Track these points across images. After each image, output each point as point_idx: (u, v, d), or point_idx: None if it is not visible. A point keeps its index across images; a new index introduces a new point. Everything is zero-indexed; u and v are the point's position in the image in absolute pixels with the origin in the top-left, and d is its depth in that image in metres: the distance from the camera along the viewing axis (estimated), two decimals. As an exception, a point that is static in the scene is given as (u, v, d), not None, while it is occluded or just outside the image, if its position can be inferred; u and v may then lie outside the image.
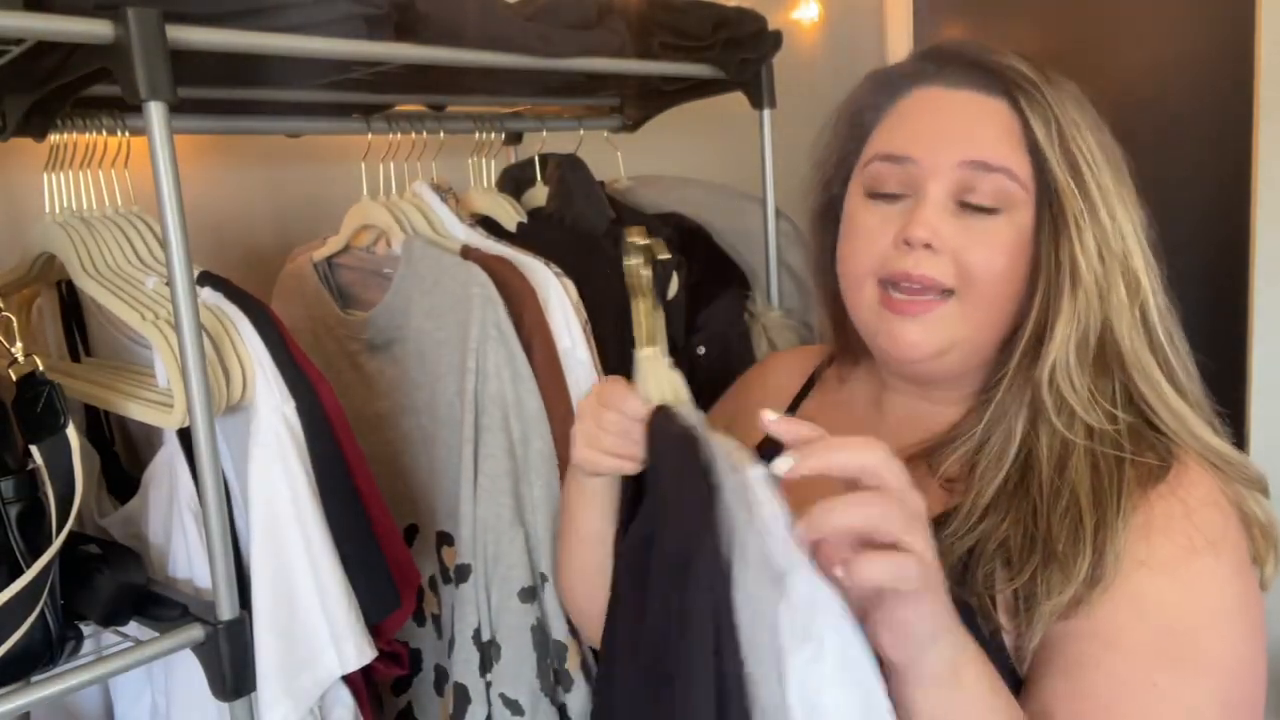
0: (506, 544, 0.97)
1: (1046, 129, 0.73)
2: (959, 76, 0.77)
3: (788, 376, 0.97)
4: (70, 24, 0.70)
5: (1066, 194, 0.72)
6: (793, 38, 2.11)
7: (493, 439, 0.97)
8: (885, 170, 0.77)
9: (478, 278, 0.99)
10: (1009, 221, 0.74)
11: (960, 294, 0.74)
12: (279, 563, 0.82)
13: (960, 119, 0.76)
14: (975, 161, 0.73)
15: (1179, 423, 0.73)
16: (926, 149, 0.75)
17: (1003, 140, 0.74)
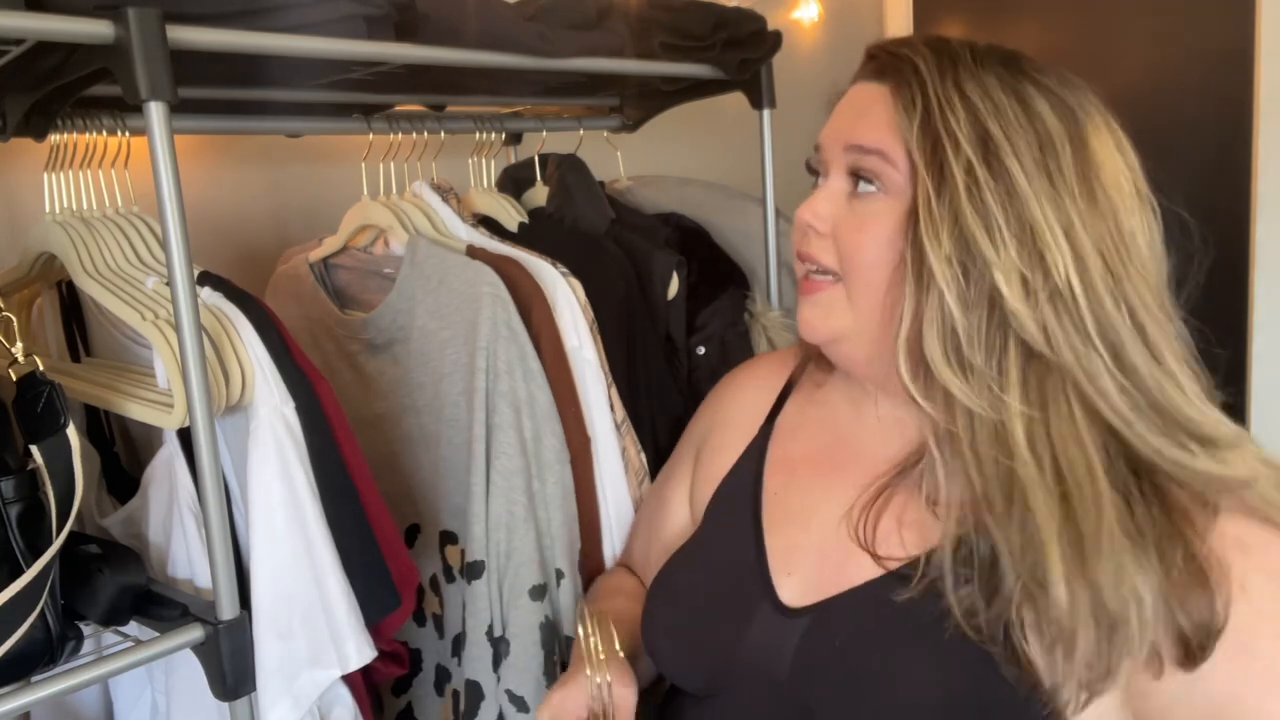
0: (519, 541, 0.97)
1: (909, 111, 0.72)
2: (865, 69, 0.79)
3: (760, 386, 0.95)
4: (70, 24, 0.70)
5: (919, 178, 0.70)
6: (793, 38, 2.11)
7: (504, 436, 0.97)
8: (814, 157, 0.81)
9: (487, 277, 0.99)
10: (890, 205, 0.73)
11: (844, 278, 0.76)
12: (279, 563, 0.82)
13: (851, 106, 0.78)
14: (853, 145, 0.75)
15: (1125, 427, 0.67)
16: (825, 136, 0.79)
17: (881, 124, 0.74)
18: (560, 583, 1.01)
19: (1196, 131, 1.91)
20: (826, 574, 0.78)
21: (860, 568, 0.76)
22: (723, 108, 1.38)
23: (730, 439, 0.93)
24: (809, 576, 0.79)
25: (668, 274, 1.19)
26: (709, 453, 0.95)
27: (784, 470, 0.87)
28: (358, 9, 0.86)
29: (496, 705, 0.98)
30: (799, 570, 0.80)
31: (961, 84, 0.71)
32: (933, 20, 2.29)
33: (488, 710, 0.98)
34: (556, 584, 1.01)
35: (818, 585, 0.78)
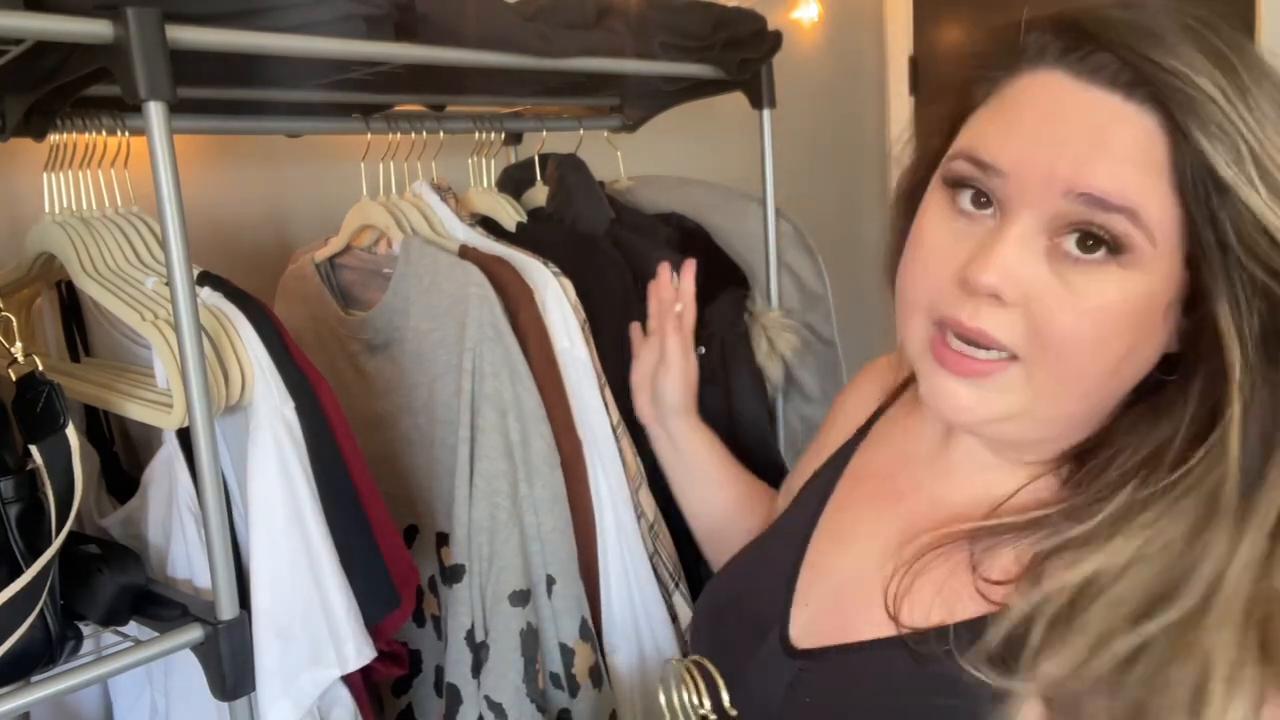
0: (500, 545, 0.97)
1: (1236, 155, 0.52)
2: (1094, 64, 0.55)
3: (872, 389, 0.87)
4: (70, 24, 0.70)
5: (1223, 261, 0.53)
6: (793, 38, 2.11)
7: (488, 439, 0.97)
8: (968, 172, 0.59)
9: (474, 277, 0.99)
10: (1123, 279, 0.55)
11: (1029, 360, 0.58)
12: (278, 563, 0.82)
13: (1080, 129, 0.55)
14: (1088, 194, 0.54)
15: None
16: (1024, 163, 0.56)
17: (1135, 168, 0.54)
18: (552, 589, 1.00)
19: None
20: (837, 617, 0.71)
21: (870, 621, 0.67)
22: (723, 108, 1.38)
23: (832, 439, 0.87)
24: (819, 614, 0.72)
25: (667, 274, 1.19)
26: (814, 448, 0.90)
27: (854, 483, 0.79)
28: (358, 9, 0.86)
29: (475, 710, 0.98)
30: (815, 603, 0.73)
31: (1266, 108, 0.53)
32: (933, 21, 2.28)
33: (466, 715, 0.98)
34: (547, 591, 1.00)
35: (825, 628, 0.71)
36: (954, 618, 0.62)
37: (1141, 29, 0.55)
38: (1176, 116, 0.53)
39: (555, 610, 1.00)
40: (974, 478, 0.69)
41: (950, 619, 0.62)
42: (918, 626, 0.64)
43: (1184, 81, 0.53)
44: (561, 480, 1.00)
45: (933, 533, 0.67)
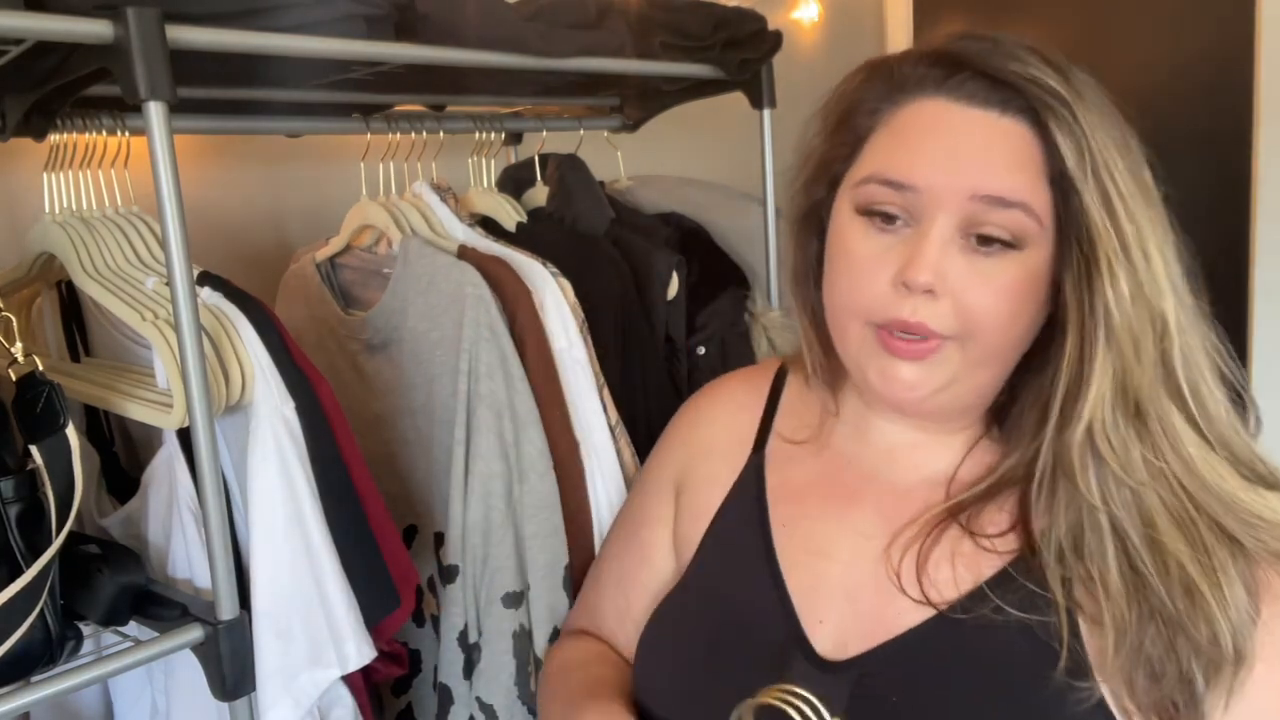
0: (494, 546, 0.97)
1: (1079, 158, 0.64)
2: (971, 89, 0.67)
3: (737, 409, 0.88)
4: (70, 24, 0.70)
5: (1100, 232, 0.64)
6: (793, 38, 2.11)
7: (483, 440, 0.96)
8: (882, 194, 0.68)
9: (471, 278, 0.99)
10: (1020, 260, 0.66)
11: (961, 338, 0.68)
12: (278, 563, 0.82)
13: (971, 144, 0.66)
14: (988, 196, 0.65)
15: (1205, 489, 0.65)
16: (932, 178, 0.66)
17: (1020, 170, 0.65)
18: (528, 595, 0.98)
19: (1196, 131, 1.91)
20: (862, 620, 0.72)
21: (902, 611, 0.71)
22: (723, 108, 1.38)
23: (717, 469, 0.85)
24: (844, 623, 0.72)
25: (667, 274, 1.19)
26: (694, 486, 0.87)
27: (789, 499, 0.80)
28: (358, 9, 0.86)
29: (467, 711, 0.98)
30: (830, 616, 0.73)
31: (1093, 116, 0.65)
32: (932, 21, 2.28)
33: (457, 715, 0.98)
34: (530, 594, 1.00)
35: (857, 634, 0.71)
36: (984, 578, 0.69)
37: (1001, 53, 0.67)
38: (1042, 117, 0.65)
39: (533, 618, 0.99)
40: (915, 458, 0.77)
41: (981, 579, 0.69)
42: (951, 599, 0.70)
43: (1042, 88, 0.65)
44: (552, 486, 0.99)
45: (918, 520, 0.74)
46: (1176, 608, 0.62)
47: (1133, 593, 0.64)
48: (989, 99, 0.66)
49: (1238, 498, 0.65)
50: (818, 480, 0.80)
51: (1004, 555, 0.70)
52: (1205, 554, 0.64)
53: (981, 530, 0.71)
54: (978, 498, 0.72)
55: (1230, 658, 0.62)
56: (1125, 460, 0.65)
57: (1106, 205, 0.64)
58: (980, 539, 0.71)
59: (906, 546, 0.73)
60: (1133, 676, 0.63)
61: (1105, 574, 0.65)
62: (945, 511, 0.73)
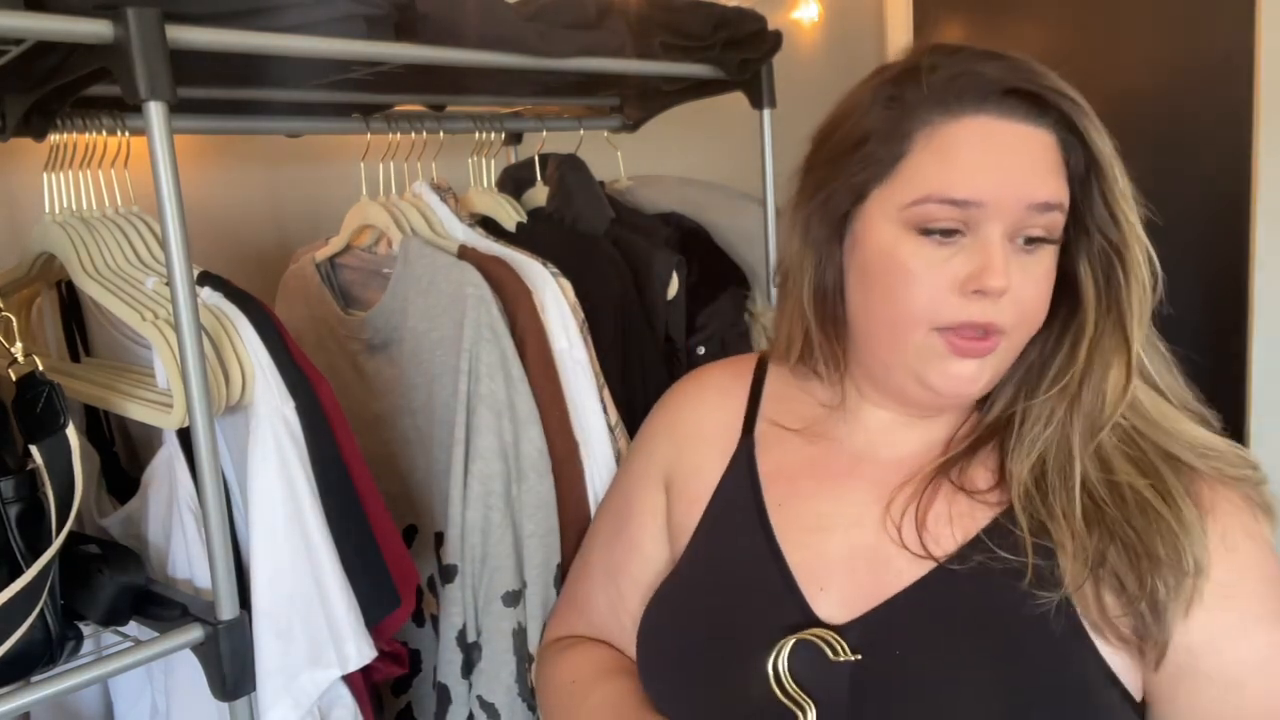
0: (494, 546, 0.97)
1: (1102, 164, 0.72)
2: (1010, 105, 0.71)
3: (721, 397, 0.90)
4: (70, 24, 0.70)
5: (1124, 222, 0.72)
6: (793, 38, 2.11)
7: (484, 441, 0.97)
8: (944, 212, 0.71)
9: (472, 278, 0.99)
10: (1050, 252, 0.74)
11: (1010, 332, 0.73)
12: (278, 563, 0.82)
13: (1021, 159, 0.71)
14: (1039, 204, 0.71)
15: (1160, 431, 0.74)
16: (993, 192, 0.70)
17: (1056, 175, 0.72)
18: (524, 594, 0.99)
19: (1196, 131, 1.91)
20: (863, 583, 0.75)
21: (899, 572, 0.74)
22: (723, 108, 1.38)
23: (706, 457, 0.87)
24: (845, 588, 0.76)
25: (667, 274, 1.19)
26: (684, 474, 0.88)
27: (781, 481, 0.83)
28: (358, 9, 0.86)
29: (465, 711, 0.98)
30: (831, 583, 0.76)
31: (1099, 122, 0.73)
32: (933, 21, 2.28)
33: (455, 715, 0.98)
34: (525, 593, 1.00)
35: (857, 596, 0.75)
36: (979, 528, 0.74)
37: (1024, 69, 0.72)
38: (1078, 124, 0.71)
39: (527, 616, 0.99)
40: (903, 435, 0.81)
41: (976, 529, 0.74)
42: (949, 551, 0.74)
43: (1068, 99, 0.71)
44: (550, 486, 1.00)
45: (913, 480, 0.78)
46: (1135, 528, 0.69)
47: (1094, 520, 0.71)
48: (1029, 113, 0.71)
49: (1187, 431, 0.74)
50: (809, 462, 0.83)
51: (995, 507, 0.75)
52: (1159, 479, 0.71)
53: (973, 486, 0.77)
54: (964, 453, 0.78)
55: (1190, 569, 0.68)
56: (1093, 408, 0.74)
57: (1125, 199, 0.72)
58: (974, 495, 0.76)
59: (905, 505, 0.77)
60: (1101, 595, 0.69)
61: (1069, 506, 0.72)
62: (937, 469, 0.78)
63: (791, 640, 0.73)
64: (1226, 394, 1.88)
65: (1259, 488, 0.73)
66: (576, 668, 0.90)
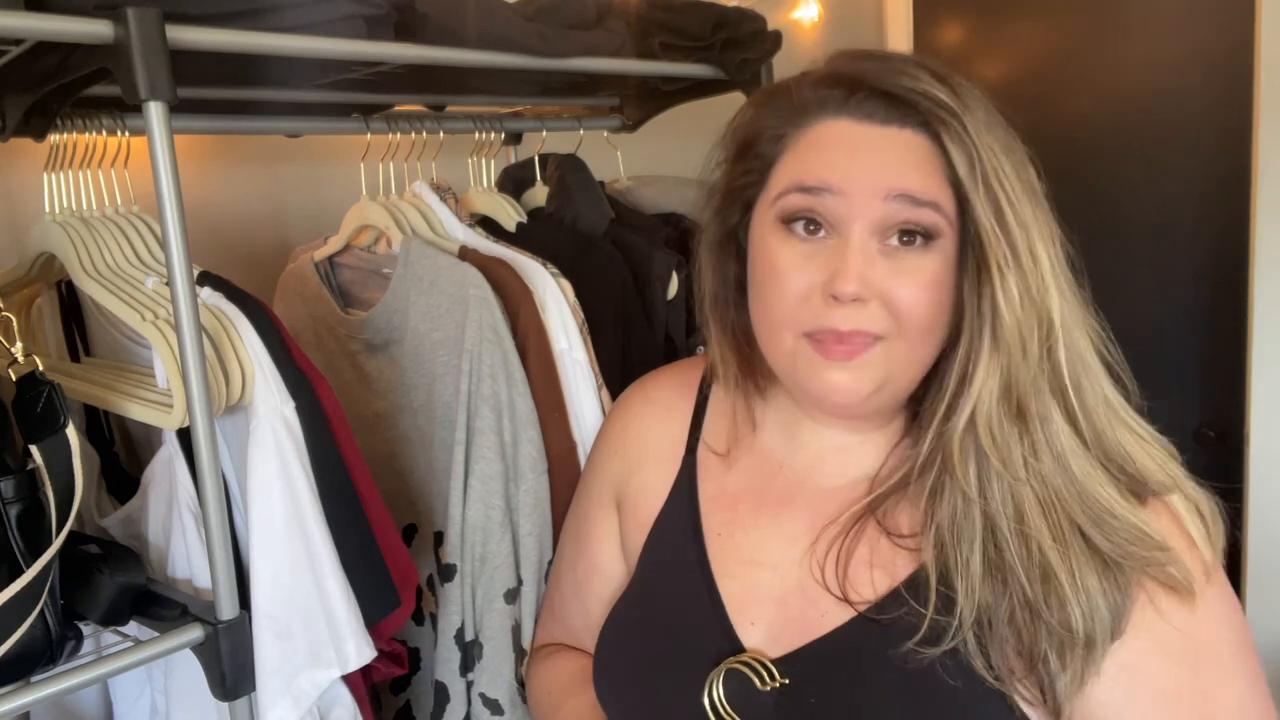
0: (494, 545, 0.97)
1: (970, 165, 0.67)
2: (870, 107, 0.70)
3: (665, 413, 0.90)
4: (70, 24, 0.70)
5: (990, 239, 0.67)
6: (793, 38, 2.11)
7: (485, 441, 0.97)
8: (802, 202, 0.71)
9: (473, 279, 0.99)
10: (936, 255, 0.70)
11: (889, 336, 0.70)
12: (278, 563, 0.82)
13: (880, 151, 0.70)
14: (903, 194, 0.68)
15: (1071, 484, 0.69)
16: (848, 179, 0.69)
17: (927, 173, 0.69)
18: (520, 591, 1.00)
19: (1196, 131, 1.91)
20: (791, 622, 0.75)
21: (826, 614, 0.74)
22: (723, 108, 1.38)
23: (651, 479, 0.87)
24: (774, 625, 0.76)
25: (667, 274, 1.19)
26: (632, 496, 0.89)
27: (722, 507, 0.82)
28: (358, 9, 0.86)
29: (462, 709, 0.98)
30: (761, 618, 0.76)
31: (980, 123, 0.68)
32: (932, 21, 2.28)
33: (453, 713, 0.98)
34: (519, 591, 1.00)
35: (784, 634, 0.75)
36: (897, 579, 0.72)
37: (893, 70, 0.70)
38: (935, 130, 0.68)
39: (521, 614, 1.00)
40: (842, 460, 0.79)
41: (895, 581, 0.72)
42: (870, 599, 0.73)
43: (933, 101, 0.68)
44: (545, 485, 1.00)
45: (839, 519, 0.77)
46: (1033, 590, 0.66)
47: (995, 576, 0.68)
48: (888, 115, 0.70)
49: (1098, 494, 0.69)
50: (750, 487, 0.83)
51: (915, 553, 0.73)
52: (1064, 544, 0.67)
53: (896, 529, 0.74)
54: (891, 491, 0.75)
55: (1080, 641, 0.66)
56: (1007, 456, 0.68)
57: (997, 212, 0.67)
58: (895, 538, 0.74)
59: (829, 546, 0.76)
60: (1006, 654, 0.67)
61: (970, 558, 0.68)
62: (864, 508, 0.76)
63: (723, 670, 0.74)
64: (1226, 394, 1.88)
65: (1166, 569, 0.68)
66: (553, 678, 0.94)
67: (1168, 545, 0.68)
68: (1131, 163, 1.96)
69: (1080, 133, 2.01)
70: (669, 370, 0.96)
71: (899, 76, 0.69)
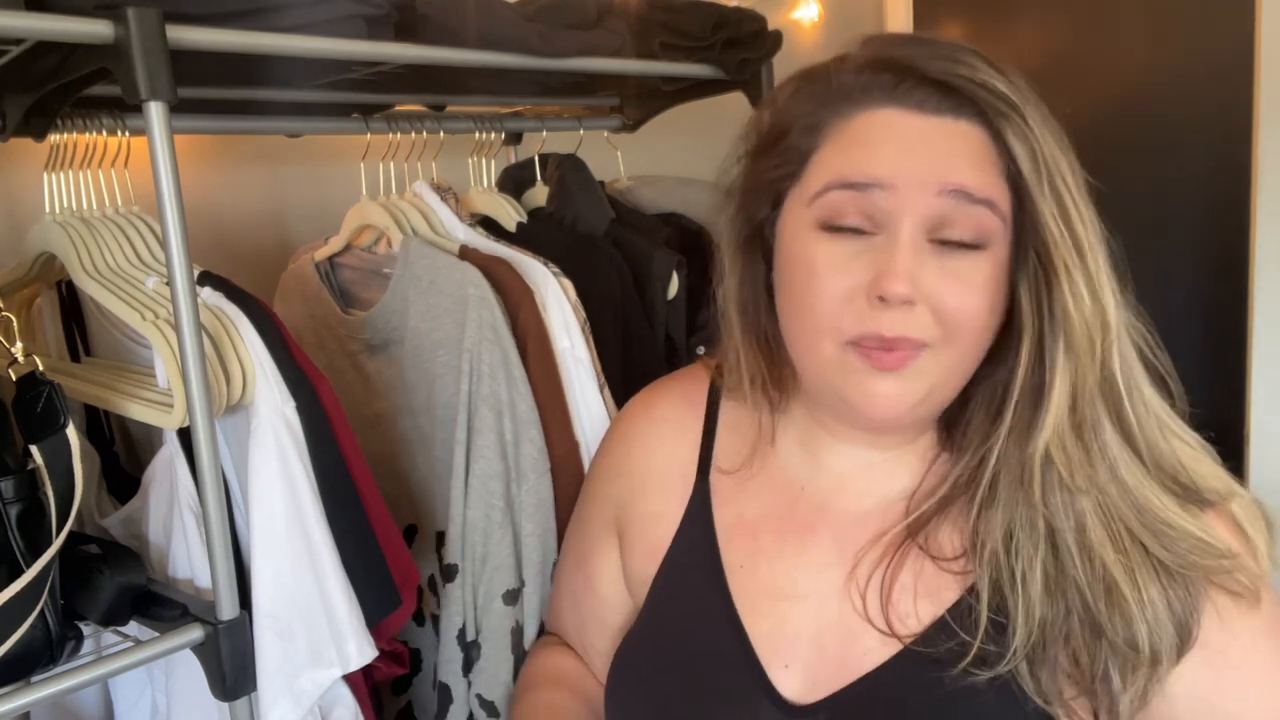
0: (495, 545, 0.97)
1: (1033, 162, 0.63)
2: (921, 96, 0.64)
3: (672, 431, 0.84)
4: (70, 24, 0.70)
5: (1056, 239, 0.63)
6: (793, 38, 2.11)
7: (484, 440, 0.97)
8: (845, 200, 0.65)
9: (473, 279, 0.99)
10: (989, 258, 0.65)
11: (936, 344, 0.65)
12: (279, 562, 0.82)
13: (933, 143, 0.64)
14: (957, 190, 0.63)
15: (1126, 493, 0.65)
16: (898, 172, 0.63)
17: (982, 169, 0.64)
18: (522, 592, 0.99)
19: (1196, 131, 1.91)
20: (830, 662, 0.70)
21: (867, 650, 0.69)
22: (723, 108, 1.38)
23: (660, 505, 0.81)
24: (811, 667, 0.70)
25: (667, 274, 1.19)
26: (638, 524, 0.82)
27: (743, 536, 0.76)
28: (358, 9, 0.86)
29: (466, 710, 0.98)
30: (796, 660, 0.71)
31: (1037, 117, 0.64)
32: (933, 21, 2.28)
33: (456, 715, 0.98)
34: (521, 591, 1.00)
35: (824, 676, 0.70)
36: (944, 607, 0.68)
37: (944, 56, 0.64)
38: (994, 123, 0.63)
39: (525, 614, 0.99)
40: (869, 480, 0.74)
41: (941, 609, 0.68)
42: (915, 631, 0.68)
43: (991, 93, 0.63)
44: (548, 486, 1.00)
45: (878, 543, 0.72)
46: (1097, 606, 0.63)
47: (1056, 591, 0.64)
48: (940, 105, 0.64)
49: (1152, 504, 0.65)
50: (770, 513, 0.77)
51: (961, 577, 0.69)
52: (1126, 556, 0.64)
53: (940, 552, 0.70)
54: (933, 512, 0.71)
55: (1146, 659, 0.62)
56: (1071, 467, 0.65)
57: (1062, 212, 0.63)
58: (940, 561, 0.70)
59: (870, 573, 0.71)
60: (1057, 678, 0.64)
61: (1030, 572, 0.65)
62: (904, 531, 0.71)
63: None
64: (1226, 394, 1.88)
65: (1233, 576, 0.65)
66: (529, 670, 0.94)
67: (1232, 552, 0.65)
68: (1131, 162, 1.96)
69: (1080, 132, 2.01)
70: (671, 383, 0.89)
71: (953, 64, 0.64)
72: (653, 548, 0.80)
